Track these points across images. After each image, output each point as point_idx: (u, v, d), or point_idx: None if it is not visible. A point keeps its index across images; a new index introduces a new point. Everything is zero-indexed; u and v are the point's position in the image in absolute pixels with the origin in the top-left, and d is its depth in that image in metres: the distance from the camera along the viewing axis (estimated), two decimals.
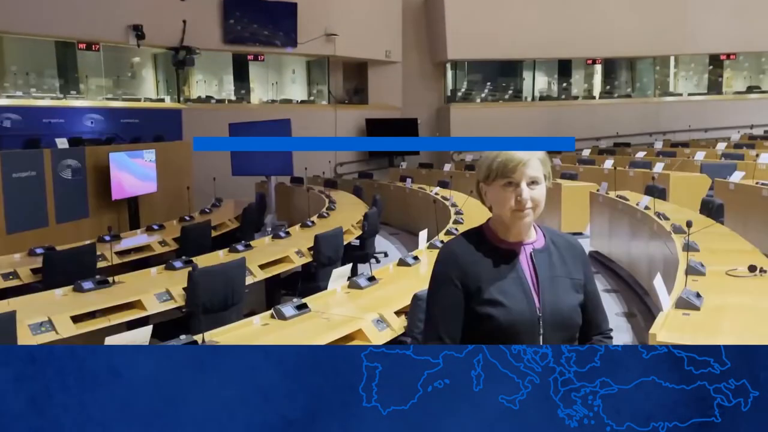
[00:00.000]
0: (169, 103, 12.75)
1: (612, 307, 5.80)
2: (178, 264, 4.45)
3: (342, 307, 3.46)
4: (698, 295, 2.99)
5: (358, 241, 6.66)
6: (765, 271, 3.48)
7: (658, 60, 17.78)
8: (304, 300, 3.36)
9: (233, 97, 14.51)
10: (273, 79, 15.03)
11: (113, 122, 11.08)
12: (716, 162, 10.26)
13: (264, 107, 14.15)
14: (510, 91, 17.62)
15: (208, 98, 13.84)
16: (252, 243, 5.31)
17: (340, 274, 3.76)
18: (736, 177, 7.29)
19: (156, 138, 10.59)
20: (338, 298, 3.63)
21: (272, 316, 3.20)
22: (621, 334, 5.07)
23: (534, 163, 1.63)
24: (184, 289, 3.90)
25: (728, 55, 17.06)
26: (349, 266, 3.94)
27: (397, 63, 15.87)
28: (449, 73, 17.39)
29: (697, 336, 2.52)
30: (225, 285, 4.00)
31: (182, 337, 2.73)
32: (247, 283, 4.44)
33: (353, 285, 3.77)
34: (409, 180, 10.57)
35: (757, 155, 9.59)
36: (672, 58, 17.81)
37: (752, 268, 3.51)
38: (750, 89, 17.39)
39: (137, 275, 4.33)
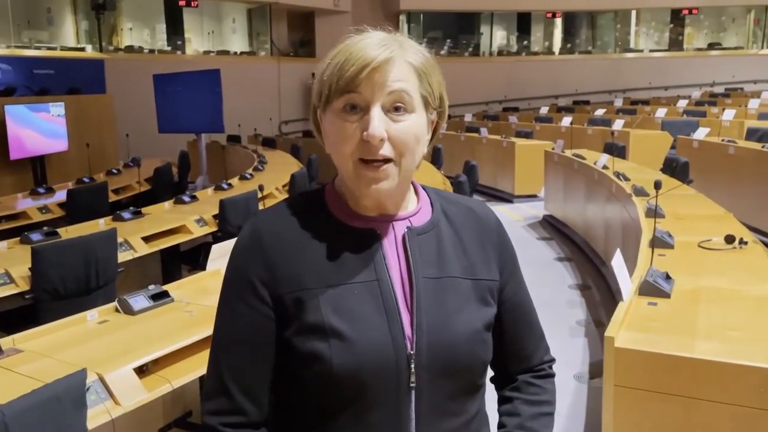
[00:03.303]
0: (90, 52, 11.47)
1: (565, 278, 5.24)
2: (36, 236, 3.59)
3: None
4: (667, 277, 2.32)
5: None
6: (745, 243, 2.84)
7: (619, 16, 17.17)
8: (165, 287, 2.58)
9: (167, 48, 13.25)
10: (210, 28, 13.80)
11: (24, 73, 9.81)
12: (678, 119, 9.79)
13: (199, 58, 12.96)
14: (470, 49, 16.78)
15: (139, 48, 12.55)
16: (145, 210, 4.46)
17: (224, 249, 2.96)
18: (701, 134, 6.75)
19: (71, 90, 9.43)
20: (220, 282, 2.85)
21: (116, 310, 2.41)
22: (574, 309, 4.51)
23: (399, 69, 0.85)
24: (30, 269, 3.08)
25: (690, 10, 16.57)
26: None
27: (346, 13, 14.79)
28: (405, 27, 16.42)
29: (668, 338, 1.84)
30: (86, 263, 3.20)
31: None
32: (125, 259, 3.64)
33: None
34: None
35: (723, 110, 9.09)
36: (633, 14, 17.23)
37: (729, 239, 2.87)
38: (711, 46, 17.00)
39: None
